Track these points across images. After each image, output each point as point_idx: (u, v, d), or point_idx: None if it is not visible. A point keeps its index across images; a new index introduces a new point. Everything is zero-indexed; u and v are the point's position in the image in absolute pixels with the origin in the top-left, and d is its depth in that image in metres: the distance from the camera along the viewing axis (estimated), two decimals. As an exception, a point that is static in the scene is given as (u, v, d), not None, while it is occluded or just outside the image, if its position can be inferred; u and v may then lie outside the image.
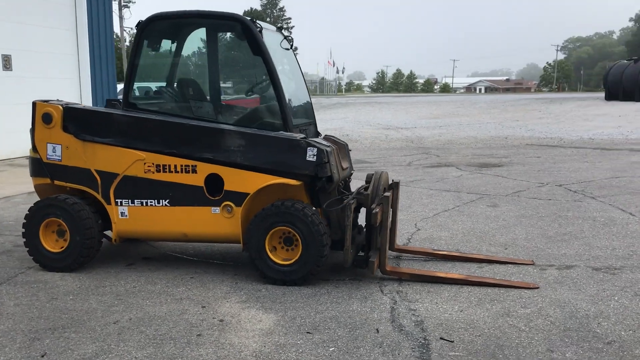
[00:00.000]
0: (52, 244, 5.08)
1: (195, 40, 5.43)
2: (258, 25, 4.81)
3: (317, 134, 5.43)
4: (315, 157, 4.55)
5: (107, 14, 15.78)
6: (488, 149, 14.31)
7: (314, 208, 4.65)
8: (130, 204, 4.97)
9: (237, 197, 4.73)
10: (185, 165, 4.82)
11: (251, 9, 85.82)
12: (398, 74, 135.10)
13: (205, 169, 4.78)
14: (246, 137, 4.68)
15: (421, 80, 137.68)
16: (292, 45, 5.37)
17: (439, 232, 6.23)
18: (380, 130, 20.73)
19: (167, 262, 5.35)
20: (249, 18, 4.83)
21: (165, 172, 4.86)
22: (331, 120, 26.06)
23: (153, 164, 4.87)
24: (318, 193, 4.73)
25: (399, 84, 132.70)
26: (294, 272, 4.58)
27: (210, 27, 5.17)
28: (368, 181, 5.01)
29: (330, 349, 3.47)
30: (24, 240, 5.11)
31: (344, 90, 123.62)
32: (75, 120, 5.03)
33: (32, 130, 5.14)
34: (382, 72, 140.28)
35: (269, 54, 4.77)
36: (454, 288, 4.48)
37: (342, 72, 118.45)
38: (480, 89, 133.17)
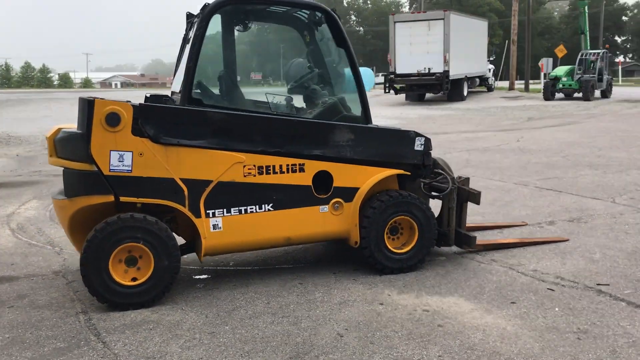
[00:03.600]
0: (121, 277, 4.07)
1: (269, 29, 4.90)
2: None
3: None
4: (422, 146, 4.78)
5: None
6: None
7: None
8: (225, 214, 4.31)
9: (347, 193, 4.61)
10: (292, 165, 4.45)
11: None
12: (27, 67, 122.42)
13: (314, 166, 4.50)
14: (356, 131, 4.60)
15: (56, 75, 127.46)
16: None
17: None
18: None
19: (236, 276, 4.78)
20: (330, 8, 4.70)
21: (269, 173, 4.39)
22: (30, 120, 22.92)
23: (254, 165, 4.35)
24: (405, 182, 4.94)
25: (29, 79, 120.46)
26: (411, 258, 4.74)
27: (289, 17, 4.77)
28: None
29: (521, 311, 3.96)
30: (84, 277, 3.96)
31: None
32: (154, 121, 4.09)
33: (86, 136, 3.98)
34: (7, 64, 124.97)
35: (351, 45, 4.74)
36: (519, 250, 5.29)
37: None
38: (116, 84, 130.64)
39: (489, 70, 33.00)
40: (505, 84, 39.01)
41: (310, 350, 3.43)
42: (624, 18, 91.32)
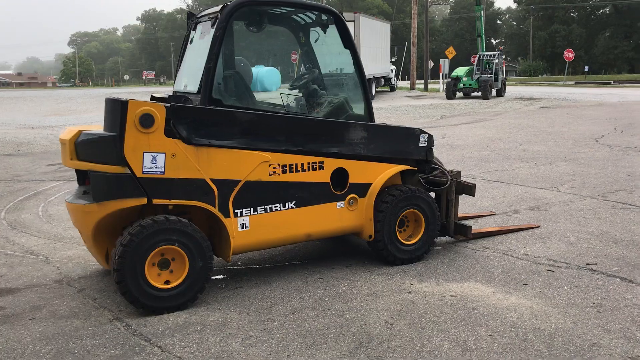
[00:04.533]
0: (155, 280, 4.00)
1: (280, 30, 4.91)
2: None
3: None
4: (426, 142, 5.06)
5: None
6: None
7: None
8: (252, 213, 4.35)
9: (361, 189, 4.79)
10: (313, 163, 4.56)
11: None
12: None
13: (332, 164, 4.65)
14: (369, 129, 4.79)
15: None
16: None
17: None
18: None
19: (252, 274, 4.81)
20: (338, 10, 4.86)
21: (292, 172, 4.48)
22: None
23: (279, 164, 4.42)
24: (406, 177, 5.21)
25: None
26: (419, 249, 5.01)
27: (300, 18, 4.84)
28: None
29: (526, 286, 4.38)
30: (118, 283, 3.86)
31: None
32: (186, 122, 4.05)
33: (119, 138, 3.86)
34: None
35: (356, 47, 4.93)
36: (503, 237, 5.73)
37: None
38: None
39: (392, 70, 34.31)
40: (404, 83, 40.71)
41: (369, 339, 3.59)
42: (498, 22, 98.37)
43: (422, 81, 36.49)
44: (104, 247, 4.25)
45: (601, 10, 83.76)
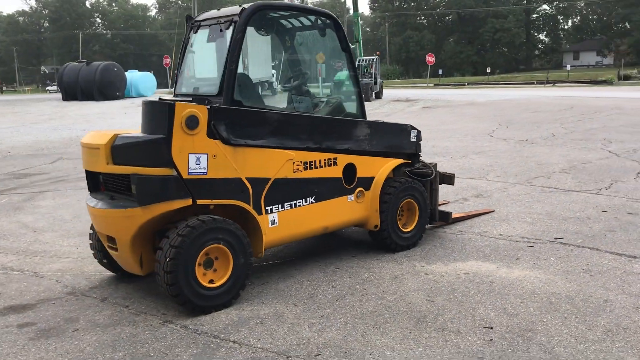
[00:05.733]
0: (202, 280, 4.05)
1: (291, 34, 5.04)
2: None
3: None
4: (416, 137, 5.50)
5: None
6: None
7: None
8: (280, 209, 4.52)
9: (366, 182, 5.13)
10: (328, 159, 4.82)
11: None
12: None
13: (344, 159, 4.93)
14: (372, 126, 5.13)
15: None
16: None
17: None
18: None
19: (269, 270, 4.95)
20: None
21: (312, 168, 4.71)
22: None
23: (301, 162, 4.63)
24: (395, 169, 5.61)
25: None
26: (414, 236, 5.44)
27: (306, 22, 5.02)
28: None
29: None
30: (171, 285, 3.86)
31: None
32: (226, 122, 4.14)
33: (167, 140, 3.86)
34: None
35: (351, 49, 5.26)
36: (469, 222, 6.34)
37: None
38: None
39: (272, 75, 34.72)
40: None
41: (423, 315, 3.94)
42: (352, 28, 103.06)
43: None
44: (139, 252, 4.19)
45: (447, 18, 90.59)
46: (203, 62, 4.96)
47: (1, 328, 3.94)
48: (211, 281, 4.09)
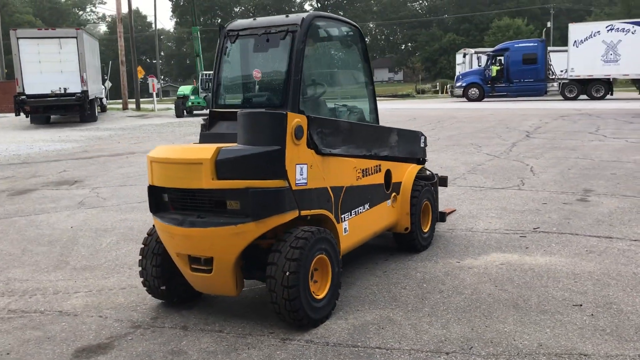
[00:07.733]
0: (313, 291, 3.98)
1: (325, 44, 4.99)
2: None
3: None
4: (424, 143, 5.86)
5: None
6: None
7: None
8: (349, 217, 4.57)
9: (397, 187, 5.36)
10: (375, 166, 4.97)
11: None
12: None
13: (385, 166, 5.13)
14: (399, 133, 5.38)
15: None
16: None
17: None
18: None
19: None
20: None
21: (367, 175, 4.83)
22: None
23: (360, 169, 4.72)
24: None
25: None
26: (430, 235, 5.80)
27: (335, 32, 5.05)
28: None
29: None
30: (292, 300, 3.74)
31: None
32: (317, 132, 4.12)
33: (282, 151, 3.74)
34: None
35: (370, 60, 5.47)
36: (448, 219, 6.84)
37: None
38: None
39: (102, 90, 32.76)
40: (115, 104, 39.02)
41: (514, 302, 4.28)
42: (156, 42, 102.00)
43: (134, 100, 35.61)
44: (238, 271, 3.95)
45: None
46: (222, 70, 4.77)
47: (100, 372, 3.46)
48: (314, 293, 4.02)
